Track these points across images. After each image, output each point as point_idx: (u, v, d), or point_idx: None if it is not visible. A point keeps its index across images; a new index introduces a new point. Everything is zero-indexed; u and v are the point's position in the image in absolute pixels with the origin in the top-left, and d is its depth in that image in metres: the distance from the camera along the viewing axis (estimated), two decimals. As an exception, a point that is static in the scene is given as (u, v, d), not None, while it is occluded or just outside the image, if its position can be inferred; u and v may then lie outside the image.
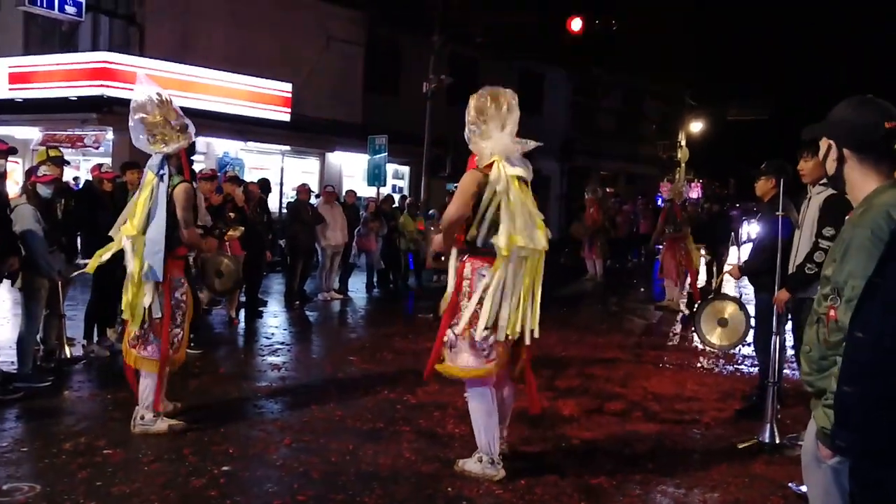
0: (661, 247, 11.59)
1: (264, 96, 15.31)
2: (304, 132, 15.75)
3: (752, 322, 5.61)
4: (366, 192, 14.65)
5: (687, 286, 11.20)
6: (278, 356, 7.01)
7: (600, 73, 25.85)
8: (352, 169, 17.28)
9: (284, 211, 12.78)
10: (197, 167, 7.43)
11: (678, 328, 9.71)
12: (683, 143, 31.32)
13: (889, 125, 2.14)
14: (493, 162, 3.87)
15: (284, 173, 16.13)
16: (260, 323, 8.78)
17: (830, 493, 2.27)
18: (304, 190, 10.58)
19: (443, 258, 4.21)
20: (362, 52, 18.10)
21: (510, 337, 3.89)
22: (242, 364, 6.75)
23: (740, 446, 4.74)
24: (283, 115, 15.57)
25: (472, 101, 3.99)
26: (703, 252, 12.47)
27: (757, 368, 7.11)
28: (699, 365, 7.37)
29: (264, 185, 10.10)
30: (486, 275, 3.86)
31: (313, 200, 10.86)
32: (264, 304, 9.75)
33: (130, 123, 4.54)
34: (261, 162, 15.92)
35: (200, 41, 14.74)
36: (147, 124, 4.52)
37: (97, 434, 4.58)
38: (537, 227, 3.87)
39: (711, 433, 5.07)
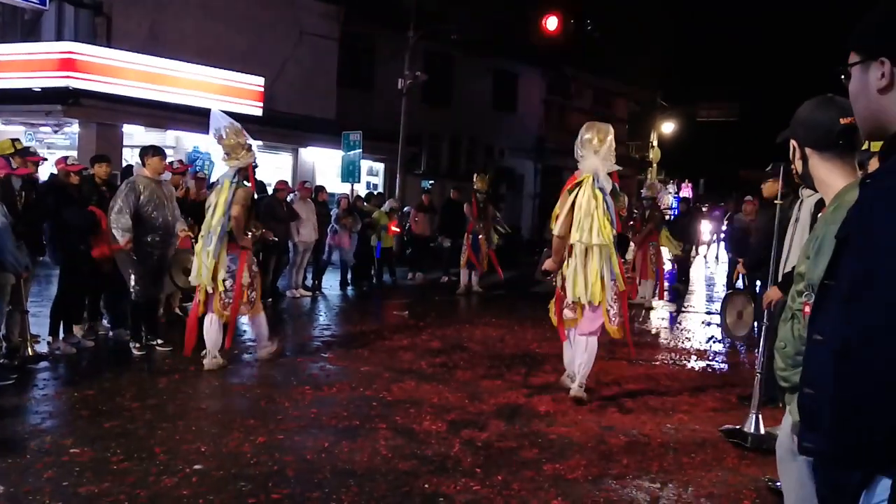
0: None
1: (236, 90, 15.06)
2: (277, 127, 15.53)
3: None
4: (339, 188, 14.52)
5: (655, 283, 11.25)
6: (250, 353, 6.90)
7: (573, 72, 25.99)
8: (325, 165, 17.11)
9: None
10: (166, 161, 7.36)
11: (650, 325, 9.80)
12: (655, 143, 31.67)
13: (844, 121, 2.16)
14: (587, 176, 5.38)
15: (256, 169, 15.90)
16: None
17: (805, 484, 2.30)
18: (282, 186, 10.45)
19: (550, 276, 5.74)
20: (336, 47, 17.92)
21: (592, 302, 5.38)
22: (214, 361, 6.62)
23: (721, 429, 4.98)
24: (255, 109, 15.34)
25: (582, 132, 5.52)
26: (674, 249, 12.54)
27: (726, 366, 7.25)
28: (672, 361, 7.44)
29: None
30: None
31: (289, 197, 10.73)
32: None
33: (215, 146, 6.24)
34: (232, 157, 15.68)
35: (170, 33, 14.46)
36: (224, 146, 6.14)
37: (63, 433, 4.46)
38: (598, 227, 5.25)
39: (685, 428, 5.12)
